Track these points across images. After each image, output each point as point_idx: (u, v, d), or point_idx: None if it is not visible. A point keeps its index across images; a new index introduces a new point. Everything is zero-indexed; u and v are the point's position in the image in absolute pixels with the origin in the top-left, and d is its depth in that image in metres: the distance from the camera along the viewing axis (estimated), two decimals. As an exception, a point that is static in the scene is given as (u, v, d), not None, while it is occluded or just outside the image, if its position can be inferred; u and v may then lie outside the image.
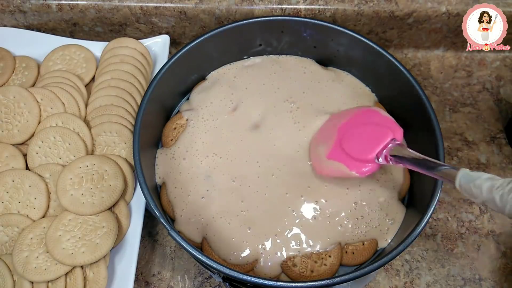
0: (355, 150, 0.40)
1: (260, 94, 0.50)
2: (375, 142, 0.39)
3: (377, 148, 0.39)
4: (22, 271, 0.41)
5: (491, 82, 0.62)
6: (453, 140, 0.57)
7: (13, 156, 0.48)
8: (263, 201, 0.43)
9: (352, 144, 0.41)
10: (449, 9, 0.57)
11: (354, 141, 0.41)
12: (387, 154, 0.38)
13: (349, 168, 0.40)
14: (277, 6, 0.58)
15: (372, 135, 0.40)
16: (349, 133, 0.42)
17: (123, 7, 0.58)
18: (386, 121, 0.42)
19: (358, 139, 0.41)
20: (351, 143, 0.41)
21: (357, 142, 0.41)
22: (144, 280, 0.48)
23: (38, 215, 0.45)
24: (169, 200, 0.44)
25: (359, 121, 0.43)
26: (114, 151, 0.49)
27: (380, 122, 0.42)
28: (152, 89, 0.45)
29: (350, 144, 0.41)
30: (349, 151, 0.41)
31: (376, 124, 0.41)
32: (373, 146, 0.39)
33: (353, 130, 0.42)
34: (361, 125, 0.42)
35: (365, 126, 0.42)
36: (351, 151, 0.40)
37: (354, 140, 0.41)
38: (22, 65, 0.55)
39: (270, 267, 0.41)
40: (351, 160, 0.40)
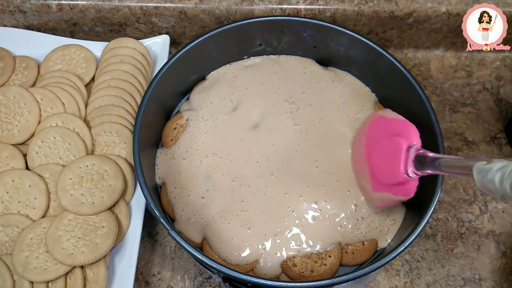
0: (387, 178, 0.38)
1: (260, 94, 0.50)
2: (395, 160, 0.36)
3: (399, 166, 0.35)
4: (22, 271, 0.41)
5: (491, 82, 0.62)
6: (453, 140, 0.57)
7: (13, 156, 0.48)
8: (263, 201, 0.43)
9: (381, 171, 0.39)
10: (449, 9, 0.57)
11: (381, 168, 0.39)
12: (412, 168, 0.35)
13: (395, 195, 0.37)
14: (277, 6, 0.58)
15: (389, 153, 0.37)
16: (374, 159, 0.40)
17: (123, 7, 0.58)
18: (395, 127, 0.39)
19: (383, 164, 0.38)
20: (380, 170, 0.39)
21: (384, 168, 0.38)
22: (144, 280, 0.48)
23: (38, 215, 0.45)
24: (169, 200, 0.44)
25: (374, 140, 0.41)
26: (114, 151, 0.49)
27: (390, 131, 0.39)
28: (152, 89, 0.45)
29: (380, 173, 0.39)
30: (383, 180, 0.38)
31: (388, 136, 0.38)
32: (396, 166, 0.36)
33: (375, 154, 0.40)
34: (378, 146, 0.40)
35: (380, 144, 0.39)
36: (385, 179, 0.38)
37: (381, 167, 0.39)
38: (22, 65, 0.55)
39: (270, 267, 0.41)
40: (391, 187, 0.38)
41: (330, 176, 0.44)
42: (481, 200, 0.53)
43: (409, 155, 0.35)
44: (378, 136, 0.40)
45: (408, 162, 0.35)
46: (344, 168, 0.45)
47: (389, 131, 0.39)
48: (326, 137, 0.47)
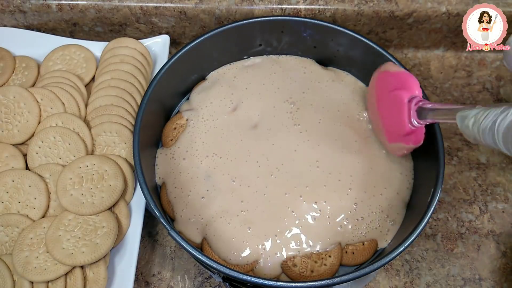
0: (397, 129, 0.40)
1: (260, 94, 0.50)
2: (400, 113, 0.39)
3: (404, 118, 0.38)
4: (22, 271, 0.41)
5: (491, 82, 0.62)
6: (453, 140, 0.57)
7: (13, 156, 0.48)
8: (263, 201, 0.43)
9: (391, 124, 0.41)
10: (449, 9, 0.57)
11: (391, 120, 0.41)
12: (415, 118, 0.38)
13: (407, 144, 0.40)
14: (277, 6, 0.58)
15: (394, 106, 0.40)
16: (384, 113, 0.43)
17: (123, 7, 0.58)
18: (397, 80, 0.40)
19: (391, 117, 0.41)
20: (391, 123, 0.42)
21: (393, 121, 0.41)
22: (144, 280, 0.48)
23: (38, 215, 0.45)
24: (169, 200, 0.45)
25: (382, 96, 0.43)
26: (114, 151, 0.49)
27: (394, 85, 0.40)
28: (152, 89, 0.45)
29: (391, 125, 0.41)
30: (393, 132, 0.41)
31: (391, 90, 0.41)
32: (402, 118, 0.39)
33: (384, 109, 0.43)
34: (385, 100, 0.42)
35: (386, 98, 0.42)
36: (395, 131, 0.41)
37: (390, 120, 0.41)
38: (22, 65, 0.55)
39: (270, 267, 0.41)
40: (402, 137, 0.40)
41: (331, 176, 0.44)
42: (481, 200, 0.53)
43: (411, 106, 0.38)
44: (384, 92, 0.42)
45: (411, 113, 0.38)
46: (345, 168, 0.45)
47: (392, 85, 0.41)
48: (326, 137, 0.47)
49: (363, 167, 0.45)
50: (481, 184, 0.54)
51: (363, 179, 0.44)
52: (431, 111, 0.36)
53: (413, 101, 0.38)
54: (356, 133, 0.47)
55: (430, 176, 0.41)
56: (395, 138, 0.42)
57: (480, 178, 0.54)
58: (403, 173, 0.45)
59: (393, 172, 0.45)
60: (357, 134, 0.47)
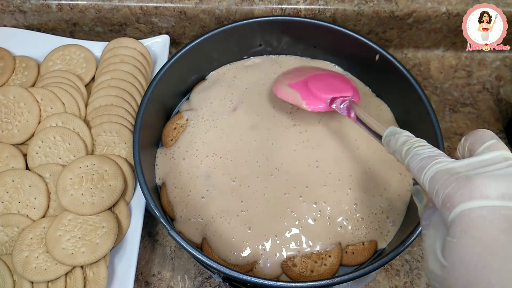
0: (317, 87, 0.44)
1: (260, 95, 0.50)
2: (337, 90, 0.44)
3: (336, 94, 0.43)
4: (22, 271, 0.41)
5: (491, 82, 0.62)
6: (453, 140, 0.57)
7: (13, 156, 0.48)
8: (262, 202, 0.43)
9: (317, 83, 0.45)
10: (449, 9, 0.57)
11: (319, 83, 0.45)
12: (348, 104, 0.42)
13: (302, 97, 0.44)
14: (277, 6, 0.58)
15: (337, 85, 0.45)
16: (318, 77, 0.46)
17: (123, 7, 0.58)
18: (352, 87, 0.46)
19: (323, 83, 0.45)
20: (316, 82, 0.45)
21: (322, 84, 0.45)
22: (144, 280, 0.48)
23: (38, 215, 0.45)
24: (169, 200, 0.44)
25: (331, 75, 0.48)
26: (114, 151, 0.49)
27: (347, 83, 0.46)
28: (152, 89, 0.45)
29: (315, 83, 0.45)
30: (311, 86, 0.44)
31: (343, 82, 0.46)
32: (334, 91, 0.44)
33: (323, 77, 0.47)
34: (331, 77, 0.47)
35: (334, 79, 0.47)
36: (313, 86, 0.44)
37: (320, 82, 0.45)
38: (22, 65, 0.55)
39: (270, 267, 0.41)
40: (308, 94, 0.44)
41: (330, 176, 0.44)
42: (481, 200, 0.53)
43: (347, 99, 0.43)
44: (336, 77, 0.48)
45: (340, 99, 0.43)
46: (344, 168, 0.45)
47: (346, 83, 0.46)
48: (325, 137, 0.47)
49: (363, 167, 0.45)
50: (481, 184, 0.54)
51: (363, 179, 0.44)
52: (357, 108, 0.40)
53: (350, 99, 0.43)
54: (356, 132, 0.47)
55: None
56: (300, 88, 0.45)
57: (480, 178, 0.54)
58: (403, 174, 0.45)
59: (392, 172, 0.45)
60: (357, 133, 0.47)
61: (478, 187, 0.22)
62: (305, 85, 0.45)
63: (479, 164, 0.24)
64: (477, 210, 0.21)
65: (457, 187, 0.22)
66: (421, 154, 0.27)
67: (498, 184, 0.22)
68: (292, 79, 0.47)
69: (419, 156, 0.27)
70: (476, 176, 0.22)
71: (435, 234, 0.25)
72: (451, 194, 0.22)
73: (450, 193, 0.22)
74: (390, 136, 0.31)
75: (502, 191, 0.21)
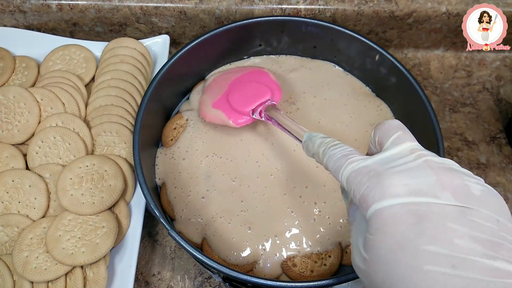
0: (236, 102, 0.45)
1: (260, 94, 0.50)
2: (255, 98, 0.44)
3: (255, 103, 0.44)
4: (22, 271, 0.41)
5: (491, 82, 0.62)
6: (453, 140, 0.57)
7: (13, 156, 0.48)
8: (262, 202, 0.43)
9: (236, 96, 0.46)
10: (449, 9, 0.57)
11: (238, 94, 0.46)
12: (262, 110, 0.43)
13: (227, 117, 0.44)
14: (277, 6, 0.58)
15: (254, 92, 0.45)
16: (236, 87, 0.47)
17: (123, 7, 0.58)
18: (271, 83, 0.46)
19: (242, 93, 0.46)
20: (235, 95, 0.46)
21: (240, 96, 0.45)
22: (144, 280, 0.48)
23: (38, 215, 0.45)
24: (169, 200, 0.44)
25: (248, 78, 0.48)
26: (114, 151, 0.49)
27: (265, 82, 0.46)
28: (152, 89, 0.45)
29: (234, 97, 0.46)
30: (231, 102, 0.45)
31: (262, 83, 0.46)
32: (252, 101, 0.44)
33: (241, 85, 0.47)
34: (249, 82, 0.47)
35: (251, 83, 0.47)
36: (233, 102, 0.45)
37: (239, 93, 0.46)
38: (22, 65, 0.55)
39: (270, 267, 0.41)
40: (231, 111, 0.45)
41: (330, 176, 0.44)
42: (481, 200, 0.53)
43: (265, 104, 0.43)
44: (253, 79, 0.47)
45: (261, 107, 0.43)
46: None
47: (263, 82, 0.47)
48: (326, 137, 0.47)
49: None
50: (481, 184, 0.54)
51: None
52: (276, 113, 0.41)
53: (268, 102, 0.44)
54: (356, 132, 0.47)
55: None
56: (223, 106, 0.45)
57: (480, 178, 0.54)
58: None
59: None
60: (356, 133, 0.47)
61: (388, 186, 0.23)
62: (226, 101, 0.46)
63: (388, 159, 0.25)
64: (388, 209, 0.22)
65: (369, 188, 0.24)
66: (335, 155, 0.28)
67: (405, 180, 0.23)
68: (214, 96, 0.47)
69: (334, 157, 0.28)
70: (384, 174, 0.24)
71: (358, 230, 0.26)
72: (365, 195, 0.24)
73: (364, 194, 0.24)
74: (307, 141, 0.32)
75: (409, 188, 0.22)
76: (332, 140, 0.30)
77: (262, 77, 0.47)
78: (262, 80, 0.47)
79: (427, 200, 0.22)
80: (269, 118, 0.42)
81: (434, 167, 0.23)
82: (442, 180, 0.22)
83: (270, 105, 0.43)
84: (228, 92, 0.46)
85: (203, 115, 0.47)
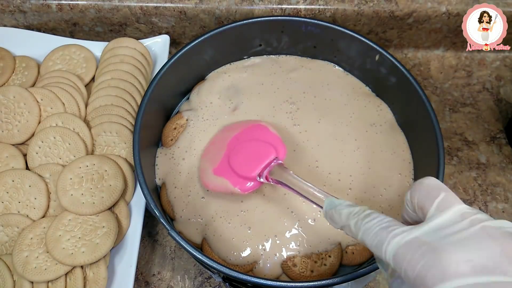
0: (239, 167, 0.41)
1: (260, 95, 0.50)
2: (259, 160, 0.40)
3: (260, 166, 0.40)
4: (22, 271, 0.41)
5: (491, 82, 0.62)
6: (453, 140, 0.57)
7: (13, 156, 0.48)
8: (262, 202, 0.43)
9: (238, 160, 0.42)
10: (449, 9, 0.57)
11: (240, 157, 0.42)
12: (267, 174, 0.39)
13: (233, 185, 0.41)
14: (277, 6, 0.58)
15: (256, 152, 0.41)
16: (237, 148, 0.43)
17: (123, 7, 0.58)
18: (273, 138, 0.43)
19: (244, 156, 0.42)
20: (237, 159, 0.42)
21: (242, 159, 0.41)
22: (144, 280, 0.48)
23: (38, 215, 0.45)
24: (169, 200, 0.44)
25: (247, 137, 0.44)
26: (114, 151, 0.49)
27: (266, 139, 0.42)
28: (152, 89, 0.45)
29: (236, 160, 0.42)
30: (234, 167, 0.41)
31: (262, 141, 0.42)
32: (256, 164, 0.40)
33: (241, 146, 0.43)
34: (248, 141, 0.43)
35: (251, 142, 0.43)
36: (236, 167, 0.41)
37: (240, 156, 0.42)
38: (22, 65, 0.55)
39: (270, 267, 0.41)
40: (235, 177, 0.41)
41: (330, 176, 0.44)
42: (481, 200, 0.53)
43: (271, 164, 0.39)
44: (252, 137, 0.43)
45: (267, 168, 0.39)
46: (344, 168, 0.45)
47: (264, 139, 0.42)
48: (326, 137, 0.47)
49: (363, 167, 0.45)
50: (481, 184, 0.54)
51: (363, 179, 0.44)
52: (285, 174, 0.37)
53: (274, 161, 0.40)
54: (356, 132, 0.47)
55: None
56: (225, 172, 0.42)
57: (480, 178, 0.54)
58: (403, 174, 0.45)
59: (392, 172, 0.45)
60: (356, 133, 0.47)
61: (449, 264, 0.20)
62: (228, 166, 0.42)
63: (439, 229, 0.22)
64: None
65: (426, 267, 0.21)
66: (372, 228, 0.25)
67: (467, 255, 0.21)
68: (213, 161, 0.44)
69: (371, 231, 0.25)
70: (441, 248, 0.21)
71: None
72: (423, 276, 0.21)
73: (421, 274, 0.21)
74: (331, 211, 0.30)
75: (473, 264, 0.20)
76: (362, 210, 0.27)
77: (262, 133, 0.44)
78: (263, 137, 0.43)
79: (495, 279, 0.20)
80: (277, 181, 0.38)
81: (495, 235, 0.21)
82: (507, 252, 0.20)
83: (276, 166, 0.39)
84: (229, 156, 0.43)
85: (205, 185, 0.43)
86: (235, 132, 0.45)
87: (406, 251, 0.22)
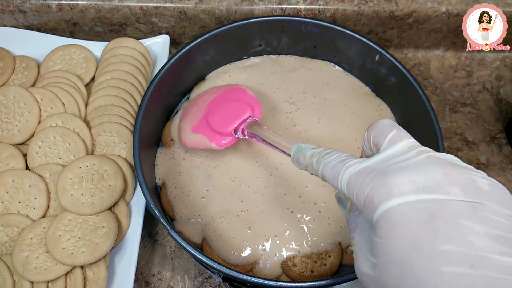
0: (216, 124, 0.44)
1: (260, 94, 0.50)
2: (235, 117, 0.43)
3: (236, 122, 0.43)
4: (22, 271, 0.41)
5: (491, 82, 0.62)
6: (453, 140, 0.57)
7: (13, 156, 0.48)
8: (262, 202, 0.43)
9: (215, 117, 0.44)
10: (449, 9, 0.57)
11: (218, 115, 0.44)
12: (244, 127, 0.42)
13: (209, 140, 0.43)
14: (277, 6, 0.58)
15: (233, 110, 0.44)
16: (215, 108, 0.45)
17: (123, 7, 0.58)
18: (250, 99, 0.45)
19: (221, 114, 0.44)
20: (215, 117, 0.44)
21: (220, 116, 0.44)
22: (144, 280, 0.48)
23: (38, 215, 0.45)
24: (169, 200, 0.44)
25: (226, 97, 0.46)
26: (114, 151, 0.49)
27: (244, 100, 0.45)
28: (152, 89, 0.45)
29: (214, 118, 0.44)
30: (211, 124, 0.44)
31: (240, 101, 0.45)
32: (233, 120, 0.43)
33: (219, 105, 0.45)
34: (227, 101, 0.45)
35: (230, 102, 0.45)
36: (213, 124, 0.44)
37: (218, 114, 0.44)
38: (22, 65, 0.55)
39: (270, 267, 0.41)
40: (212, 133, 0.43)
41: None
42: (481, 200, 0.53)
43: (246, 122, 0.42)
44: (231, 97, 0.46)
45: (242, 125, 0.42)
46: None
47: (242, 99, 0.45)
48: (325, 137, 0.47)
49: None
50: (481, 184, 0.54)
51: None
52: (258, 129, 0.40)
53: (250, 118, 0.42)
54: (356, 132, 0.47)
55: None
56: (203, 129, 0.44)
57: (480, 178, 0.54)
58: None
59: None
60: (356, 133, 0.47)
61: (394, 184, 0.22)
62: (206, 123, 0.44)
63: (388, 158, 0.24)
64: (397, 208, 0.21)
65: (374, 188, 0.23)
66: (330, 162, 0.27)
67: (411, 176, 0.22)
68: (192, 120, 0.46)
69: (330, 164, 0.27)
70: (388, 172, 0.23)
71: (363, 235, 0.25)
72: (370, 196, 0.22)
73: (369, 195, 0.23)
74: (297, 154, 0.31)
75: (416, 185, 0.21)
76: (324, 149, 0.29)
77: (240, 94, 0.46)
78: (240, 98, 0.45)
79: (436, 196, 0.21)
80: (252, 135, 0.41)
81: (439, 162, 0.22)
82: (449, 175, 0.21)
83: (252, 122, 0.42)
84: (207, 114, 0.45)
85: (184, 142, 0.45)
86: (215, 94, 0.47)
87: (357, 177, 0.24)
